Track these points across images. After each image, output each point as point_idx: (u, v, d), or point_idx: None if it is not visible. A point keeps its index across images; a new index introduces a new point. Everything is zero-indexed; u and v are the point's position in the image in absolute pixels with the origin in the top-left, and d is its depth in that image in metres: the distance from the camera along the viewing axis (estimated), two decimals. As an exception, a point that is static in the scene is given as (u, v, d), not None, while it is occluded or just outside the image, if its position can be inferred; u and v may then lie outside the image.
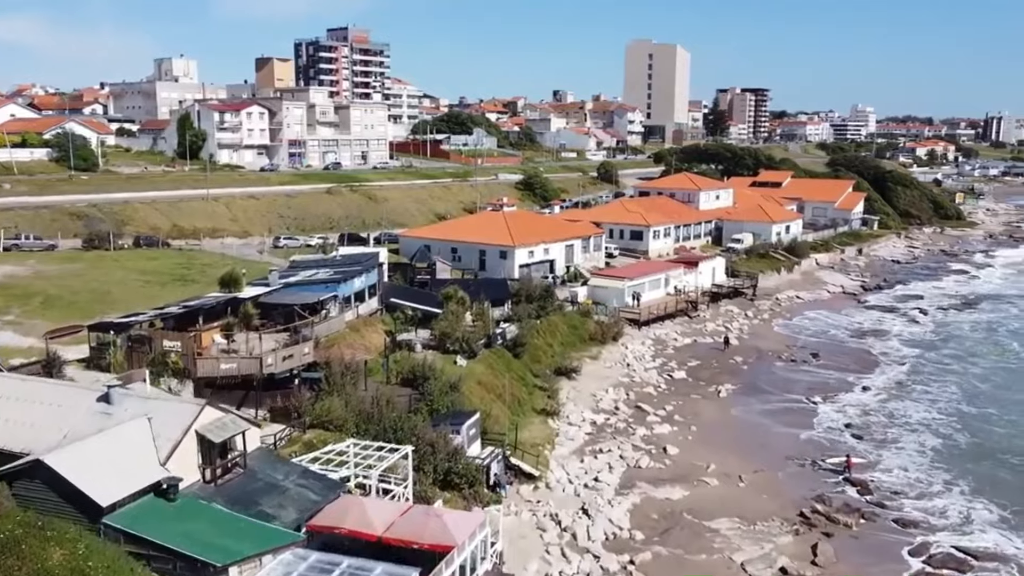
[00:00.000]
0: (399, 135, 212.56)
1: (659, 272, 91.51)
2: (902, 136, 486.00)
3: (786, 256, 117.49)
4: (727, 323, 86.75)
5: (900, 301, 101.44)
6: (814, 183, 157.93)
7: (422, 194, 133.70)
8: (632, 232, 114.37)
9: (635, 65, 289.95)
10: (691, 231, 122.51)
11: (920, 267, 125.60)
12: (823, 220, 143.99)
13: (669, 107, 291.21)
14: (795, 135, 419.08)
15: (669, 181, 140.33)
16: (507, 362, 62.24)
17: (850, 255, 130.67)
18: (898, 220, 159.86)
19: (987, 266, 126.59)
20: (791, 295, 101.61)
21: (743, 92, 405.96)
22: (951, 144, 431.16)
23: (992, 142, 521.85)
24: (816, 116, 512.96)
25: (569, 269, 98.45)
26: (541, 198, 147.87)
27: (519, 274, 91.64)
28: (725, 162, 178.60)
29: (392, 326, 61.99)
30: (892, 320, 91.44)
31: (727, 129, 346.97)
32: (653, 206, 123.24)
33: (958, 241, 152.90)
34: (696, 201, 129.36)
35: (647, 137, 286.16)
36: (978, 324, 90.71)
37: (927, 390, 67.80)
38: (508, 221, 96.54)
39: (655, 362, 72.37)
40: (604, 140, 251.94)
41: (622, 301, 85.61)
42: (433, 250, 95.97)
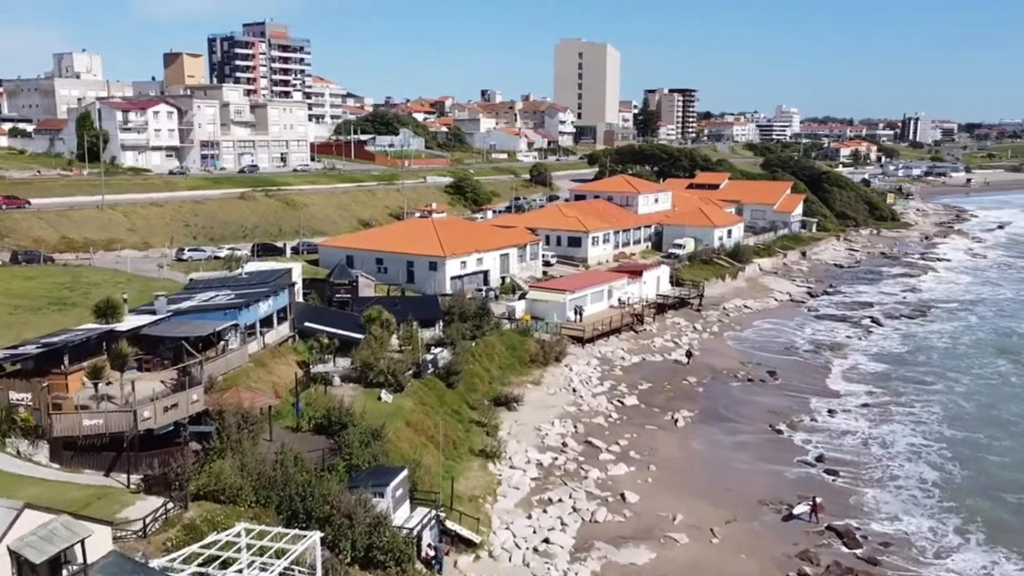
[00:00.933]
0: (321, 136, 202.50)
1: (602, 283, 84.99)
2: (825, 136, 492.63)
3: (729, 262, 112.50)
4: (675, 338, 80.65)
5: (850, 309, 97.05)
6: (752, 185, 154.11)
7: (345, 199, 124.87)
8: (570, 238, 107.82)
9: (565, 64, 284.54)
10: (630, 236, 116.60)
11: (863, 271, 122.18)
12: (762, 223, 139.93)
13: (600, 107, 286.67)
14: (723, 135, 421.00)
15: (606, 184, 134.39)
16: (440, 394, 54.67)
17: (793, 259, 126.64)
18: (836, 222, 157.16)
19: (930, 270, 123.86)
20: (738, 304, 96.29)
21: (671, 93, 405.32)
22: (873, 144, 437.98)
23: (910, 142, 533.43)
24: (742, 117, 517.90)
25: (505, 280, 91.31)
26: (472, 202, 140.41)
27: (451, 287, 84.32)
28: (661, 163, 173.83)
29: (306, 355, 53.78)
30: (847, 331, 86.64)
31: (657, 130, 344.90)
32: (591, 210, 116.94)
33: (895, 243, 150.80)
34: (635, 205, 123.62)
35: (578, 138, 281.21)
36: (943, 335, 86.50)
37: (907, 412, 62.41)
38: (438, 229, 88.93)
39: (603, 386, 65.58)
40: (535, 141, 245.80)
41: (563, 316, 78.82)
42: (356, 261, 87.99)
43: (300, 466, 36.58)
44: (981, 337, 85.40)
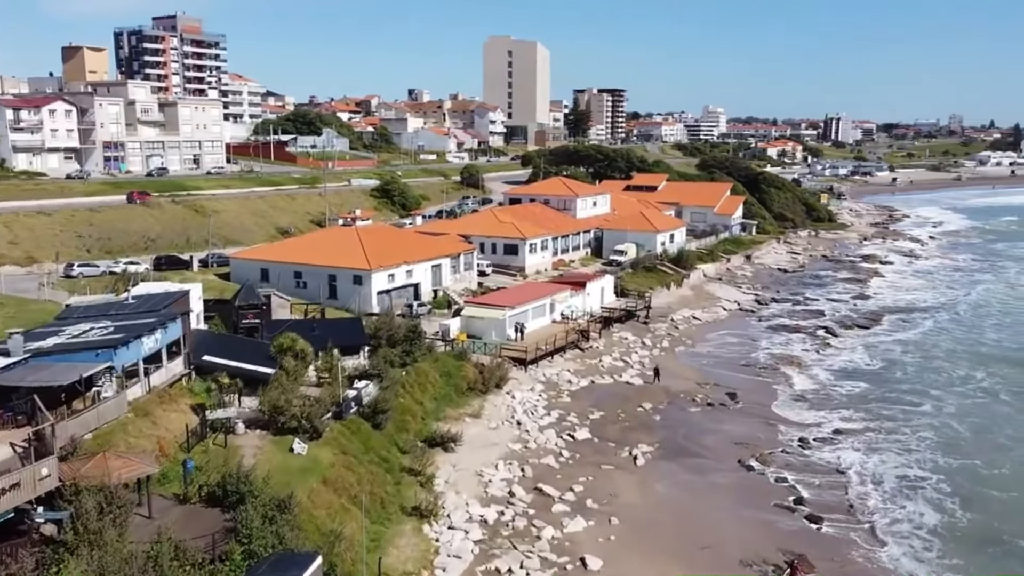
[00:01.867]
0: (239, 136, 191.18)
1: (543, 296, 78.05)
2: (751, 136, 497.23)
3: (674, 269, 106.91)
4: (624, 356, 74.17)
5: (802, 318, 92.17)
6: (691, 186, 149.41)
7: (262, 205, 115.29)
8: (506, 246, 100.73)
9: (494, 63, 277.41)
10: (569, 243, 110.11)
11: (809, 276, 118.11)
12: (702, 226, 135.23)
13: (531, 107, 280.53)
14: (651, 135, 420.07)
15: (542, 187, 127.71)
16: (365, 438, 46.86)
17: (736, 264, 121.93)
18: (774, 224, 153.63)
19: (875, 274, 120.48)
20: (687, 315, 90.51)
21: (600, 92, 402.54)
22: (798, 144, 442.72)
23: (833, 142, 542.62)
24: (670, 117, 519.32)
25: (437, 294, 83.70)
26: (400, 207, 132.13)
27: (378, 303, 76.50)
28: (596, 164, 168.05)
29: (204, 398, 45.31)
30: (803, 344, 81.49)
31: (588, 130, 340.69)
32: (527, 215, 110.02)
33: (835, 245, 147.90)
34: (573, 209, 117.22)
35: (509, 138, 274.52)
36: (907, 345, 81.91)
37: (892, 439, 56.77)
38: (363, 238, 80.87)
39: (550, 416, 58.52)
40: (465, 141, 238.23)
41: (503, 335, 71.63)
42: (272, 275, 79.53)
43: (182, 559, 28.49)
44: (951, 347, 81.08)
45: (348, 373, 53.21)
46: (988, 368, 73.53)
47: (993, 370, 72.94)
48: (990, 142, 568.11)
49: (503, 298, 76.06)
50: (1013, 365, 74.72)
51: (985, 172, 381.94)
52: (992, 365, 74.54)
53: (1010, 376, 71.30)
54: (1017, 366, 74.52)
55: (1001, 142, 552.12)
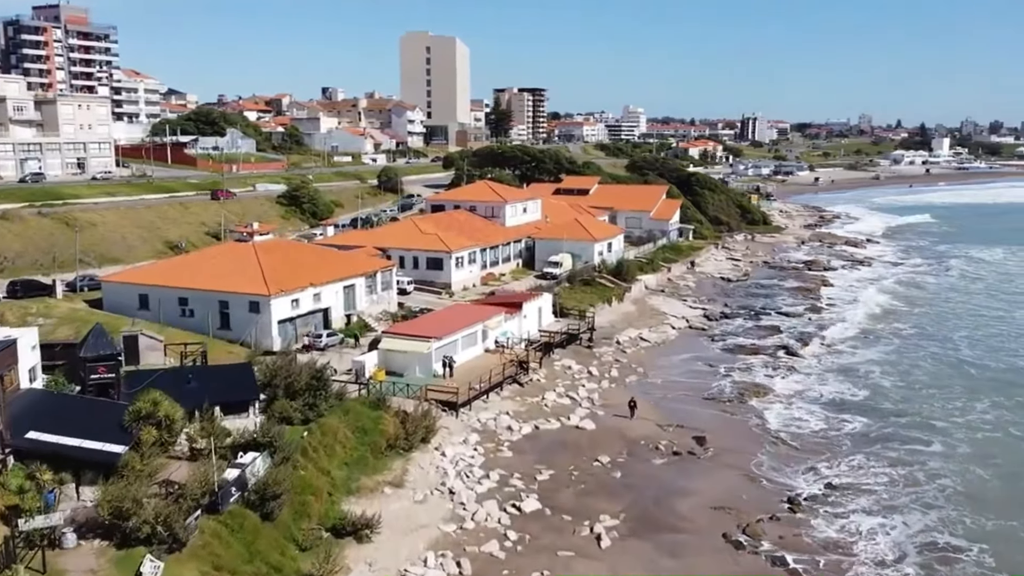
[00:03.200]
0: (135, 137, 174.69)
1: (474, 322, 67.27)
2: (671, 136, 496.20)
3: (613, 281, 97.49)
4: (570, 390, 64.00)
5: (758, 337, 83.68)
6: (625, 189, 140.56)
7: (149, 216, 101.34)
8: (429, 260, 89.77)
9: (412, 59, 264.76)
10: (499, 254, 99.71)
11: (755, 286, 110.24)
12: (638, 232, 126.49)
13: (451, 106, 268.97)
14: (573, 136, 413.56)
15: (467, 192, 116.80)
16: (250, 538, 35.38)
17: (678, 274, 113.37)
18: (711, 228, 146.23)
19: (822, 281, 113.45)
20: (633, 336, 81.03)
21: (520, 92, 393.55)
22: (718, 144, 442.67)
23: (751, 141, 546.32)
24: (591, 117, 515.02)
25: (351, 320, 72.30)
26: (311, 215, 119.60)
27: (279, 334, 64.96)
28: (523, 166, 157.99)
29: (17, 499, 33.09)
30: (765, 368, 72.74)
31: (509, 130, 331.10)
32: (452, 224, 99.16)
33: (774, 249, 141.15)
34: (501, 216, 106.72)
35: (429, 138, 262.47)
36: (883, 366, 73.84)
37: (908, 491, 47.73)
38: (261, 257, 68.92)
39: (490, 478, 47.88)
40: (382, 142, 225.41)
41: (429, 371, 60.82)
42: (152, 301, 67.38)
43: None
44: (932, 368, 73.40)
45: (233, 440, 41.59)
46: (984, 394, 65.79)
47: (991, 396, 65.22)
48: (899, 141, 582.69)
49: (428, 326, 64.96)
50: (1007, 388, 67.28)
51: (901, 171, 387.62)
52: (986, 390, 66.88)
53: (1011, 403, 63.65)
54: (1010, 388, 67.24)
55: (909, 141, 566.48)
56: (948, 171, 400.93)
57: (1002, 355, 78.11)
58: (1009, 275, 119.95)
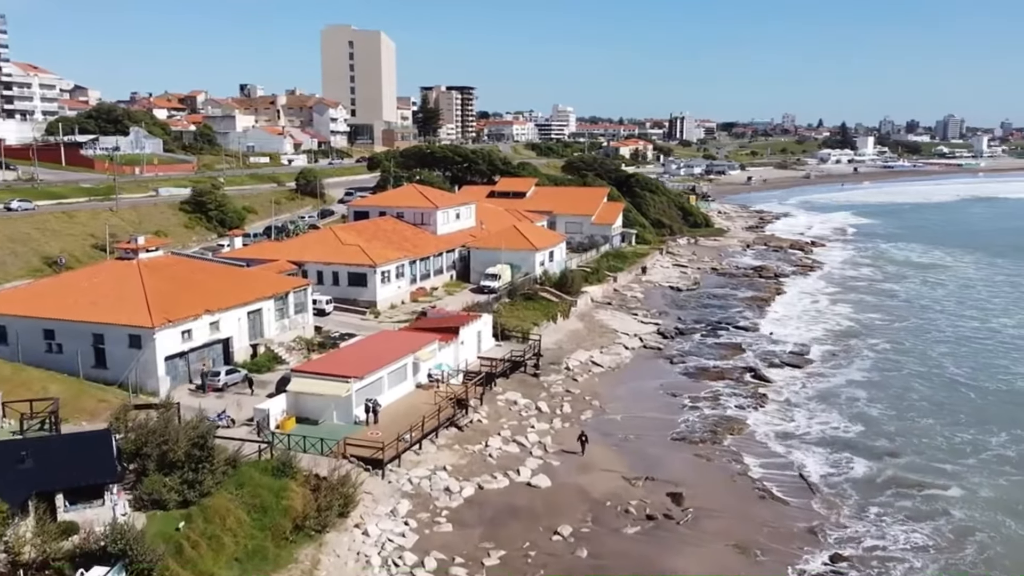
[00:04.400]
0: (27, 136, 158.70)
1: (403, 354, 57.10)
2: (601, 135, 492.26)
3: (558, 295, 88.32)
4: (517, 434, 54.43)
5: (720, 358, 75.51)
6: (564, 192, 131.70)
7: (25, 226, 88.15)
8: (351, 275, 79.33)
9: (334, 54, 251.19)
10: (430, 266, 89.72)
11: (706, 296, 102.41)
12: (579, 237, 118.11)
13: (376, 103, 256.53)
14: (503, 135, 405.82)
15: (394, 196, 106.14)
16: None
17: (624, 283, 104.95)
18: (653, 232, 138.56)
19: (777, 290, 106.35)
20: (584, 360, 71.95)
21: (448, 90, 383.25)
22: (648, 143, 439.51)
23: (680, 140, 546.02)
24: (520, 116, 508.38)
25: (257, 351, 61.51)
26: (219, 223, 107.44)
27: (167, 373, 54.08)
28: (454, 167, 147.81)
29: None
30: (734, 397, 64.38)
31: (438, 129, 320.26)
32: (377, 233, 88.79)
33: (720, 255, 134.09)
34: (432, 223, 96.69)
35: (354, 137, 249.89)
36: (869, 389, 66.20)
37: (935, 558, 39.84)
38: (147, 279, 57.66)
39: (425, 567, 37.98)
40: (303, 142, 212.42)
41: (349, 417, 50.66)
42: (11, 334, 56.10)
43: None
44: (924, 391, 66.21)
45: (76, 546, 30.80)
46: (991, 423, 58.81)
47: (997, 425, 58.40)
48: (821, 140, 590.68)
49: (347, 362, 54.54)
50: (1014, 414, 60.26)
51: (830, 170, 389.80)
52: (992, 418, 59.88)
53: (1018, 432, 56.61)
54: (1018, 413, 60.24)
55: (831, 140, 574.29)
56: (875, 169, 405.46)
57: (996, 374, 71.20)
58: (969, 280, 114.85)
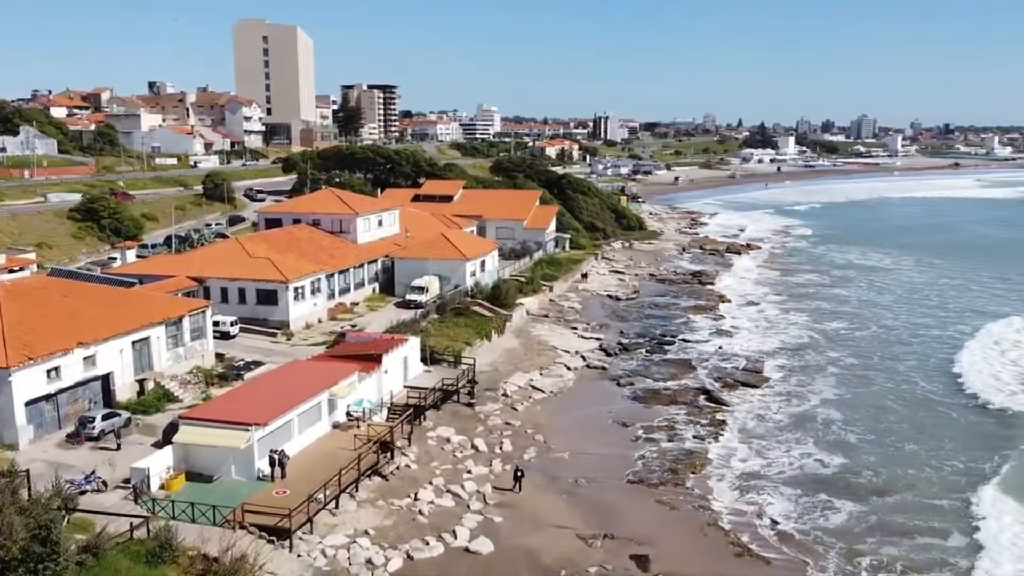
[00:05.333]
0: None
1: (316, 391, 48.84)
2: (526, 135, 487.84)
3: (492, 309, 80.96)
4: (451, 481, 46.91)
5: (670, 377, 69.16)
6: (494, 195, 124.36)
7: None
8: (260, 292, 70.50)
9: (247, 50, 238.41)
10: (351, 279, 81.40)
11: (648, 305, 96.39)
12: (511, 244, 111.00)
13: (293, 102, 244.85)
14: (427, 135, 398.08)
15: (310, 202, 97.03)
16: None
17: (560, 293, 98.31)
18: (587, 236, 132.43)
19: (719, 298, 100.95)
20: (523, 385, 64.77)
21: (370, 89, 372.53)
22: (574, 143, 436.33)
23: (604, 140, 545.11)
24: (445, 115, 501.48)
25: (144, 389, 52.53)
26: (113, 233, 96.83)
27: (27, 422, 45.11)
28: (376, 169, 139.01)
29: None
30: (690, 426, 57.95)
31: (359, 129, 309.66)
32: (291, 244, 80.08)
33: (656, 259, 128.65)
34: (352, 231, 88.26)
35: (269, 137, 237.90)
36: (842, 409, 60.59)
37: None
38: (5, 307, 48.19)
39: (340, 677, 30.15)
40: (214, 142, 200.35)
41: (250, 471, 42.42)
42: None
43: None
44: (903, 412, 60.79)
45: None
46: (977, 448, 53.69)
47: (984, 450, 53.22)
48: (742, 139, 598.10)
49: (248, 404, 46.07)
50: (1003, 439, 55.29)
51: (754, 169, 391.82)
52: (974, 440, 54.94)
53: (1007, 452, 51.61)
54: (991, 425, 55.48)
55: (752, 139, 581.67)
56: (797, 169, 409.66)
57: (967, 389, 66.47)
58: (914, 284, 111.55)
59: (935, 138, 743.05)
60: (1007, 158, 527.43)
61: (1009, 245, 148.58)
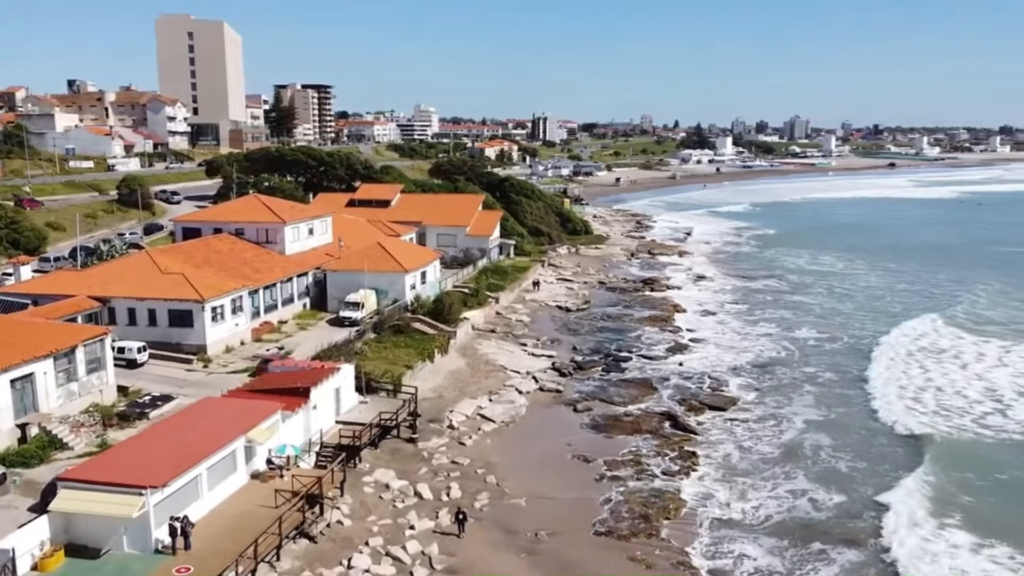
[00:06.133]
0: None
1: (229, 437, 41.42)
2: (465, 136, 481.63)
3: (435, 325, 74.35)
4: (392, 540, 40.23)
5: (629, 399, 63.42)
6: (435, 200, 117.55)
7: None
8: (173, 314, 62.74)
9: (171, 46, 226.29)
10: (277, 295, 73.89)
11: (600, 317, 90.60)
12: (453, 251, 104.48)
13: (221, 101, 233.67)
14: (364, 136, 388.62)
15: (232, 209, 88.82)
16: None
17: (507, 304, 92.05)
18: (532, 242, 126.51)
19: (675, 307, 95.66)
20: (471, 414, 58.27)
21: (304, 88, 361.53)
22: (514, 144, 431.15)
23: (543, 141, 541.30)
24: (382, 116, 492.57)
25: (27, 435, 44.58)
26: (11, 246, 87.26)
27: None
28: (309, 172, 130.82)
29: None
30: (658, 456, 52.14)
31: (293, 130, 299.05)
32: (209, 257, 72.31)
33: (605, 265, 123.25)
34: (279, 241, 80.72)
35: (196, 139, 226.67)
36: (829, 434, 54.56)
37: None
38: None
39: None
40: (135, 143, 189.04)
41: (146, 543, 35.06)
42: None
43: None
44: (893, 442, 55.29)
45: None
46: (983, 476, 48.49)
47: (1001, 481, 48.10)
48: (679, 140, 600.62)
49: (144, 459, 38.53)
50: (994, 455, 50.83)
51: (694, 170, 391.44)
52: (981, 468, 49.56)
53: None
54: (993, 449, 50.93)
55: (689, 140, 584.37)
56: (735, 169, 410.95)
57: (956, 409, 61.96)
58: (874, 290, 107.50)
59: (865, 138, 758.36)
60: (936, 158, 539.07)
61: (958, 248, 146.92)
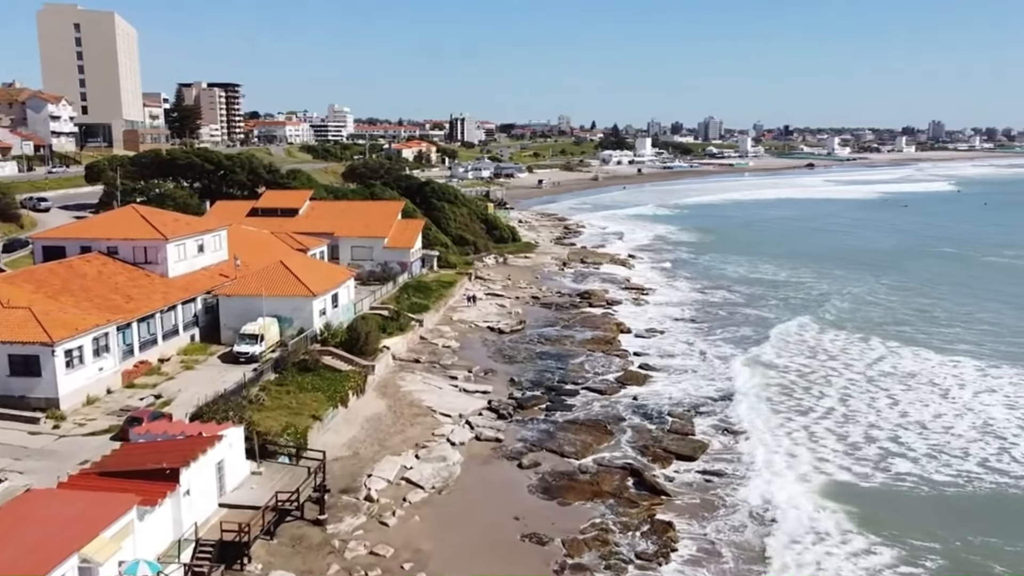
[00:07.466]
0: None
1: (56, 558, 29.58)
2: (381, 137, 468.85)
3: (347, 358, 63.06)
4: None
5: (583, 447, 53.50)
6: (348, 207, 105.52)
7: None
8: (14, 360, 50.08)
9: (55, 40, 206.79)
10: (157, 327, 61.53)
11: (537, 339, 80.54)
12: (370, 265, 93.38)
13: (114, 99, 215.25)
14: (275, 136, 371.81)
15: (104, 224, 74.66)
16: None
17: (432, 326, 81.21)
18: (457, 252, 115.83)
19: (619, 327, 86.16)
20: (393, 479, 47.39)
21: (211, 87, 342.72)
22: (432, 145, 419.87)
23: (462, 142, 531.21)
24: (294, 116, 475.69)
25: None
26: None
27: None
28: (205, 177, 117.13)
29: None
30: (628, 535, 42.28)
31: (198, 130, 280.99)
32: (70, 284, 59.44)
33: (537, 277, 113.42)
34: (161, 261, 67.98)
35: (85, 140, 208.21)
36: (832, 497, 45.39)
37: None
38: None
39: None
40: (13, 145, 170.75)
41: None
42: None
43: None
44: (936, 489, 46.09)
45: None
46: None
47: None
48: (597, 141, 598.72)
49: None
50: None
51: (615, 171, 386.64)
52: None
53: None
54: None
55: (607, 141, 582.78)
56: (656, 170, 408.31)
57: (989, 473, 52.10)
58: (826, 297, 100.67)
59: (776, 139, 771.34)
60: (848, 158, 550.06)
61: (901, 251, 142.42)
